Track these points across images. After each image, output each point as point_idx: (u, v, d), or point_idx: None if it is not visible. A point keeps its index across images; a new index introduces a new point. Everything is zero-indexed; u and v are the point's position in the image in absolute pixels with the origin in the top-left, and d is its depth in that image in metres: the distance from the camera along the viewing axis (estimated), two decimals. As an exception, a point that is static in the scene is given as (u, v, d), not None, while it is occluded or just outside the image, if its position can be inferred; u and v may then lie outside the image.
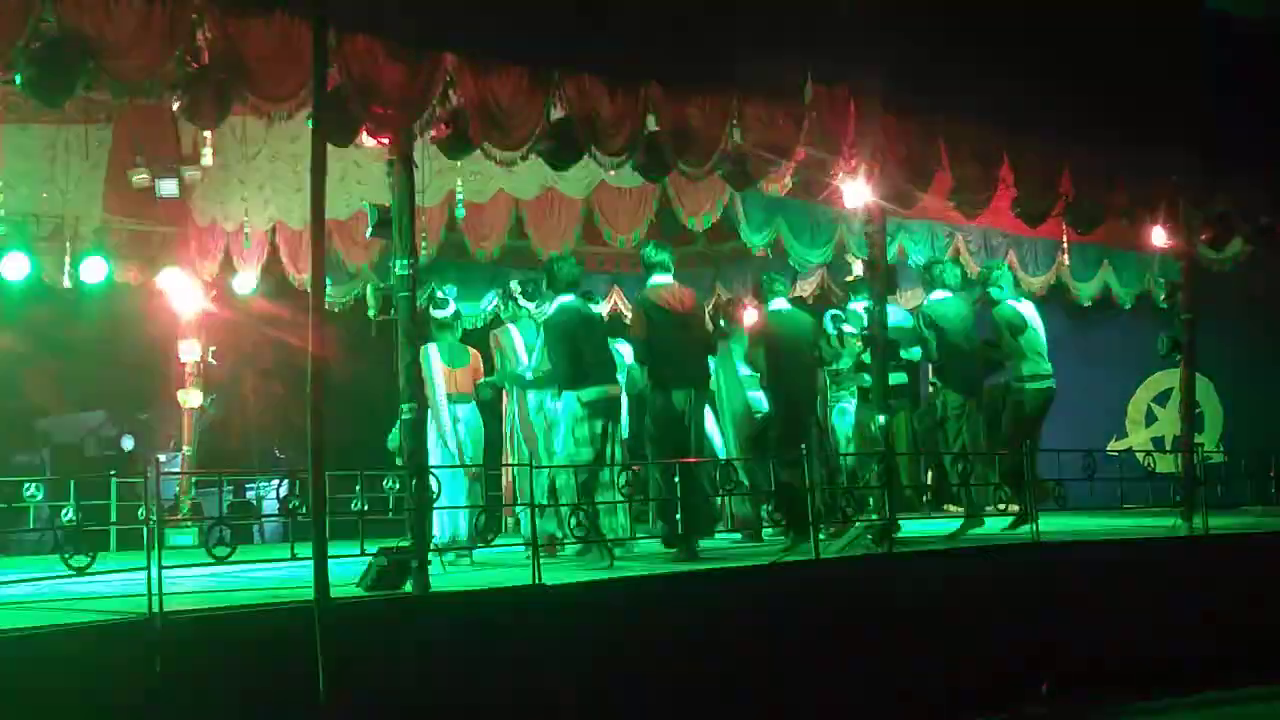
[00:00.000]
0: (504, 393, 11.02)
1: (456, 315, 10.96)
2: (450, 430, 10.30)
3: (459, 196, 10.44)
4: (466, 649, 7.15)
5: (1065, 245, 13.11)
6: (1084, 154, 10.28)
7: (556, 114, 8.01)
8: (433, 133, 7.79)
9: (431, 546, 7.54)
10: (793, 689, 8.24)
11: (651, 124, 8.42)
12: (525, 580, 7.62)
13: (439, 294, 10.94)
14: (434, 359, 10.42)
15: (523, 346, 10.57)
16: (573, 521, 8.63)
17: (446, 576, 7.82)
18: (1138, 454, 12.80)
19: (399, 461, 9.26)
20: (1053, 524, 10.79)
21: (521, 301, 11.09)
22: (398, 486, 9.25)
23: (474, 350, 10.85)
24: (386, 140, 7.53)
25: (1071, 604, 9.64)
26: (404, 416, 7.56)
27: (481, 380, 10.59)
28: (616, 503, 9.11)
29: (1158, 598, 10.06)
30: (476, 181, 10.43)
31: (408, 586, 7.30)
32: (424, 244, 10.17)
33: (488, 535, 8.01)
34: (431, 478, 7.55)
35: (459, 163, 8.99)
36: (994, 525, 10.61)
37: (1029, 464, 10.18)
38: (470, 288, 13.59)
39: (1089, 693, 9.39)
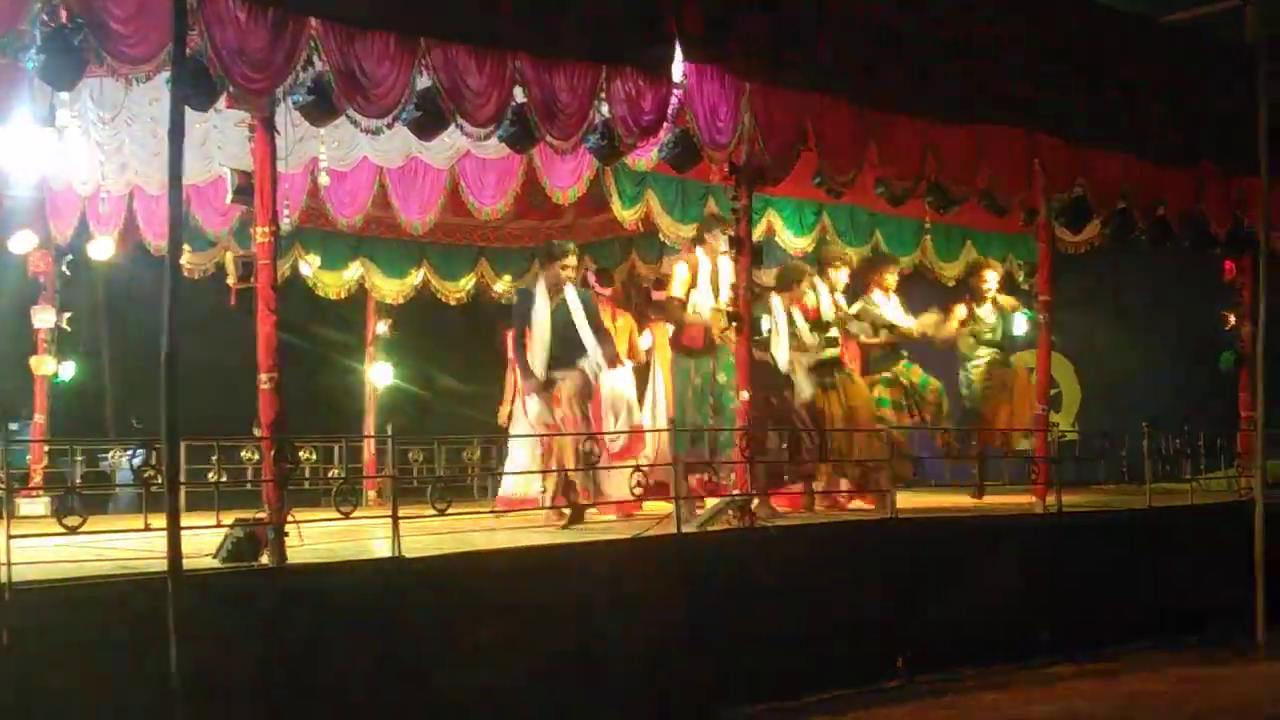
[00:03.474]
0: None
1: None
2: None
3: (322, 163, 10.36)
4: (324, 622, 7.14)
5: (928, 225, 13.33)
6: (946, 135, 10.44)
7: (423, 83, 7.97)
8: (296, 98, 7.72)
9: (290, 519, 7.50)
10: (653, 662, 8.33)
11: (519, 95, 8.42)
12: (385, 552, 7.62)
13: None
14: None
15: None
16: None
17: (306, 548, 7.77)
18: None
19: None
20: (911, 501, 11.05)
21: (598, 289, 11.95)
22: (257, 457, 9.19)
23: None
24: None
25: (928, 579, 9.86)
26: (262, 386, 7.52)
27: None
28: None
29: (1011, 573, 10.32)
30: (340, 149, 10.34)
31: (264, 558, 7.27)
32: (285, 211, 10.05)
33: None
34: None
35: (322, 129, 8.91)
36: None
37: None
38: (336, 257, 13.49)
39: (944, 666, 9.63)
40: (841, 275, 12.07)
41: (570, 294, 10.71)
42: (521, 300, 10.82)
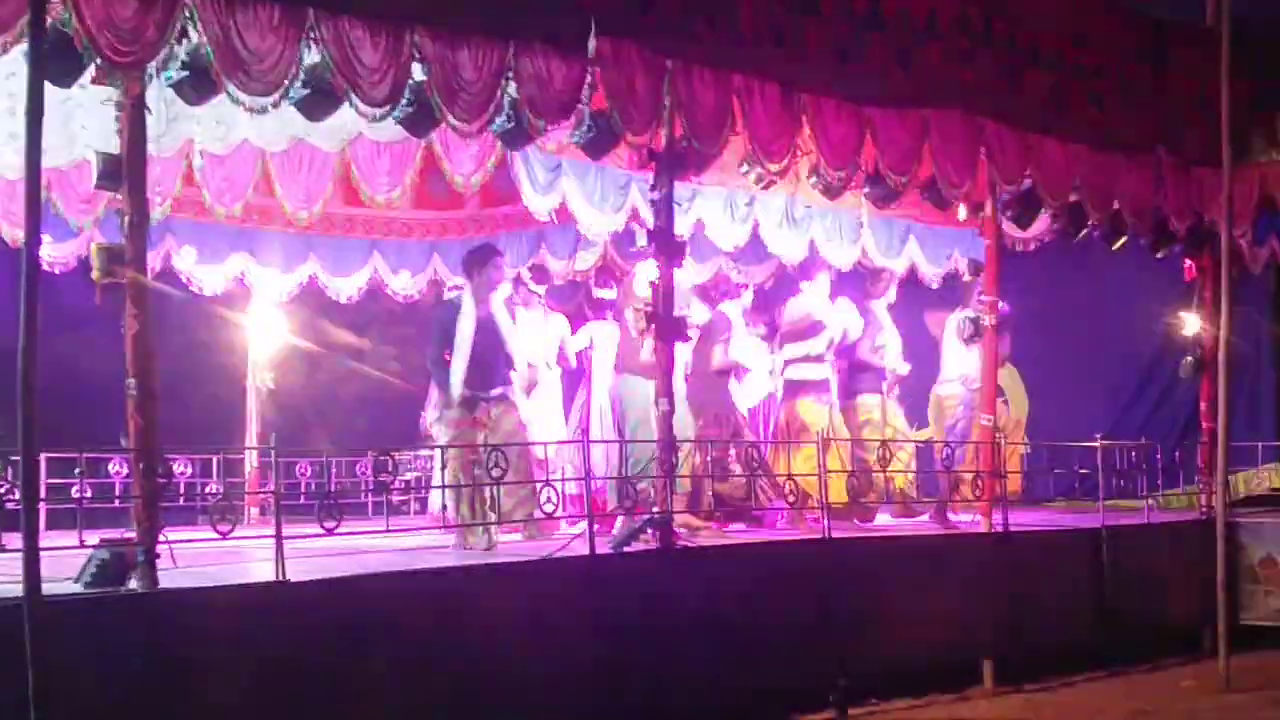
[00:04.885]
0: None
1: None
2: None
3: (198, 146, 10.27)
4: (199, 653, 7.07)
5: (863, 219, 13.38)
6: (885, 120, 10.52)
7: (312, 58, 7.93)
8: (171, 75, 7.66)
9: (162, 539, 7.43)
10: (560, 694, 8.34)
11: (419, 73, 8.39)
12: (268, 576, 7.58)
13: None
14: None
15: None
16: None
17: (179, 571, 7.71)
18: (936, 445, 13.18)
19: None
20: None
21: (532, 287, 12.26)
22: (125, 471, 9.11)
23: None
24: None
25: (864, 602, 9.94)
26: (130, 393, 7.45)
27: None
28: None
29: (953, 597, 10.42)
30: (218, 130, 10.26)
31: (133, 582, 7.20)
32: (157, 199, 9.96)
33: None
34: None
35: (199, 108, 8.83)
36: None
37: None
38: (214, 249, 13.37)
39: (877, 697, 9.71)
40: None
41: (499, 307, 10.76)
42: (444, 313, 10.74)
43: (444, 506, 10.70)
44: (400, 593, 8.06)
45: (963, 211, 11.78)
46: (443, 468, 10.19)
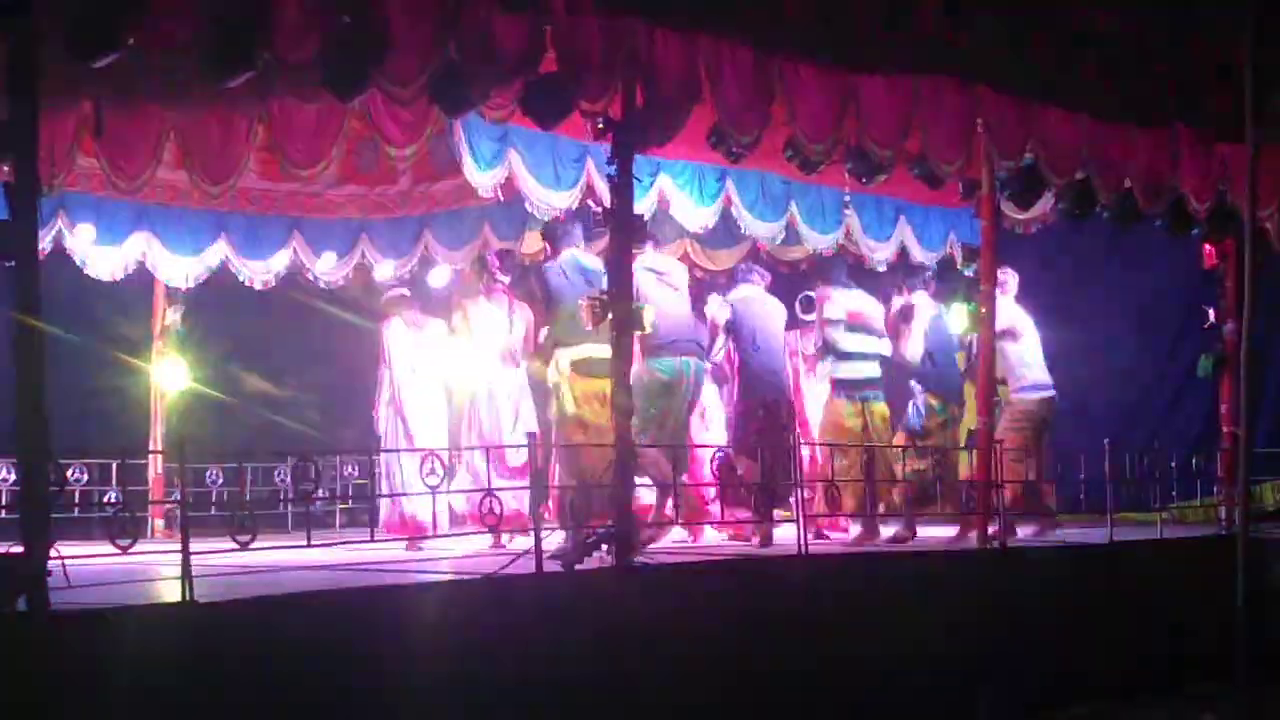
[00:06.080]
0: None
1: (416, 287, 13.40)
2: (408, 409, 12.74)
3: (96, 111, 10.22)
4: (94, 683, 7.02)
5: (848, 198, 13.39)
6: (869, 88, 10.53)
7: (221, 11, 7.90)
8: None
9: (53, 554, 7.38)
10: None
11: (345, 28, 8.36)
12: (174, 596, 7.54)
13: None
14: (396, 334, 13.00)
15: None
16: None
17: (73, 590, 7.67)
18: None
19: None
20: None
21: (498, 274, 12.72)
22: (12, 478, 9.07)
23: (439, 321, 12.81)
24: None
25: (841, 626, 9.94)
26: (19, 389, 7.39)
27: None
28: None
29: (943, 623, 10.43)
30: (118, 92, 10.19)
31: (20, 603, 7.16)
32: (51, 170, 9.90)
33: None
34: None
35: (96, 64, 8.77)
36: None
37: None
38: (113, 229, 13.30)
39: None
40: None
41: None
42: None
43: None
44: (322, 616, 8.02)
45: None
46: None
